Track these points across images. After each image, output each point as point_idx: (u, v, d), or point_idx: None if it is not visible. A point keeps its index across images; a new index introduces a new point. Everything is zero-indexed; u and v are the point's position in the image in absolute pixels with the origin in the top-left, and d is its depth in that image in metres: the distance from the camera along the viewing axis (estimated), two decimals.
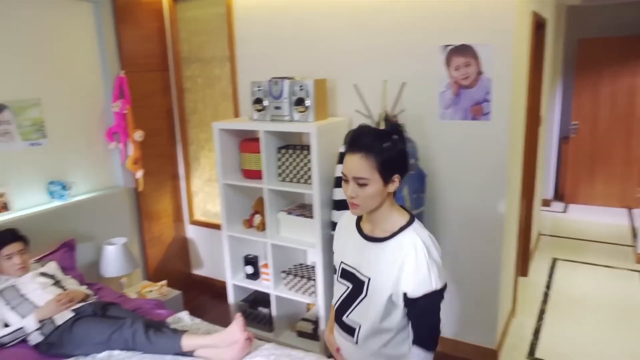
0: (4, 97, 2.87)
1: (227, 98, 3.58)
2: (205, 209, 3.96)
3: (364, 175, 1.44)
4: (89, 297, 2.70)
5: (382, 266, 1.52)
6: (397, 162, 1.48)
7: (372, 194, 1.47)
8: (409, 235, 1.49)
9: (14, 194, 2.95)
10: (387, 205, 1.53)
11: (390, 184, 1.48)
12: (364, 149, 1.44)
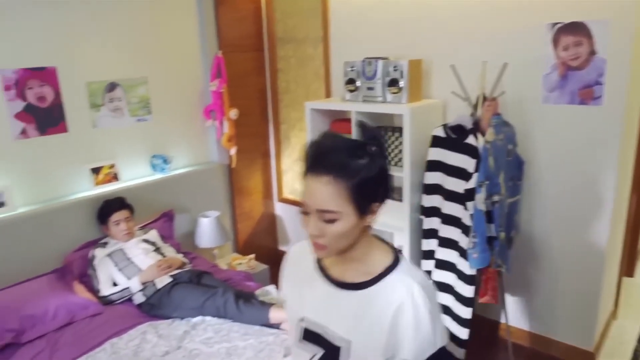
0: (116, 76, 3.10)
1: (319, 78, 3.60)
2: (293, 187, 4.05)
3: (332, 207, 1.03)
4: (185, 265, 2.88)
5: (366, 324, 1.08)
6: (377, 184, 1.06)
7: (342, 232, 1.05)
8: (401, 279, 1.08)
9: (123, 165, 3.19)
10: (364, 241, 1.12)
11: (369, 215, 1.08)
12: (332, 170, 1.02)
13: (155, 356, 2.18)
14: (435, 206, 2.73)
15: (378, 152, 1.07)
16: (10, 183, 2.71)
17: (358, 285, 1.11)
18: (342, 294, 1.13)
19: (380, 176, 1.06)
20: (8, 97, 2.67)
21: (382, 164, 1.07)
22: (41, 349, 2.28)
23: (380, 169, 1.06)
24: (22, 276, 2.65)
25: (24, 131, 2.75)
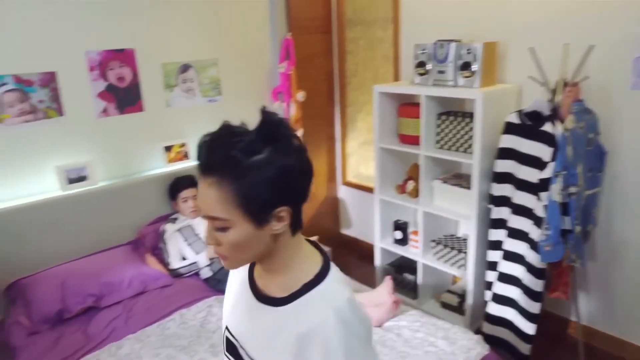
0: (189, 57, 3.19)
1: (387, 61, 3.53)
2: (358, 171, 4.04)
3: (219, 214, 0.89)
4: None
5: (276, 346, 0.94)
6: (277, 186, 0.88)
7: (237, 242, 0.91)
8: (318, 300, 0.92)
9: (194, 144, 3.30)
10: (284, 251, 0.96)
11: (274, 222, 0.91)
12: (217, 169, 0.88)
13: (220, 329, 2.27)
14: (506, 195, 2.62)
15: (278, 147, 0.88)
16: (92, 159, 2.88)
17: (276, 301, 0.95)
18: (261, 308, 0.97)
19: (282, 176, 0.88)
20: (92, 78, 2.82)
21: (283, 162, 0.88)
22: (118, 314, 2.43)
23: (281, 168, 0.87)
24: (102, 246, 2.84)
25: (105, 110, 2.91)
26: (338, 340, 0.88)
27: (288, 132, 0.93)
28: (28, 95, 2.62)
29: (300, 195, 0.94)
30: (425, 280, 3.16)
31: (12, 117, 2.59)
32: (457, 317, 3.01)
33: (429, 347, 2.08)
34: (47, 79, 2.67)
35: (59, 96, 2.72)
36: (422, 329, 2.21)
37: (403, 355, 2.04)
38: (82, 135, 2.84)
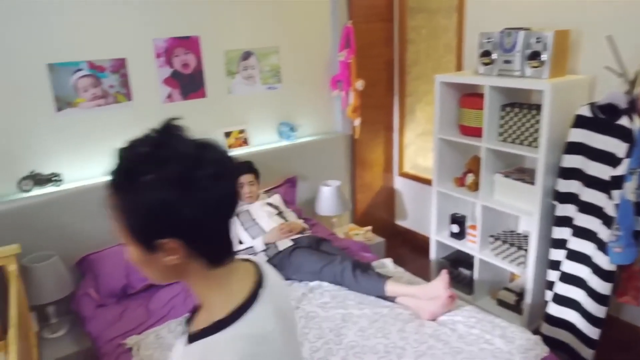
0: (251, 45, 3.24)
1: (450, 50, 3.44)
2: (415, 162, 3.97)
3: (115, 229, 0.84)
4: (305, 230, 2.98)
5: None
6: (153, 217, 0.77)
7: (135, 262, 0.84)
8: (196, 356, 0.78)
9: (252, 131, 3.36)
10: (197, 282, 0.85)
11: (161, 252, 0.80)
12: (111, 181, 0.81)
13: None
14: (573, 192, 2.50)
15: (165, 175, 0.76)
16: None
17: (189, 337, 0.82)
18: (181, 340, 0.85)
19: (159, 207, 0.76)
20: (158, 64, 2.92)
21: (162, 194, 0.75)
22: (177, 292, 2.53)
23: (159, 199, 0.75)
24: None
25: (170, 95, 3.01)
26: None
27: (188, 155, 0.78)
28: (100, 80, 2.75)
29: (194, 229, 0.79)
30: (481, 276, 3.08)
31: (85, 102, 2.73)
32: (514, 316, 2.92)
33: (485, 344, 2.03)
34: (117, 65, 2.79)
35: (128, 82, 2.84)
36: (478, 325, 2.15)
37: (457, 351, 2.00)
38: (148, 120, 2.95)
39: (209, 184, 0.78)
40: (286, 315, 0.94)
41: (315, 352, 2.02)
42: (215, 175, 0.79)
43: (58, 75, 2.62)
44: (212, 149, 0.83)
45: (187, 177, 0.77)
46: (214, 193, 0.79)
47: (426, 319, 2.23)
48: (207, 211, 0.79)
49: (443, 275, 2.27)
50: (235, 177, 0.88)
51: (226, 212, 0.83)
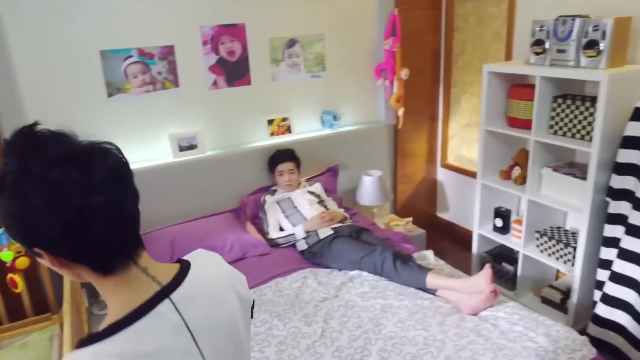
0: (296, 32, 3.23)
1: (499, 39, 3.33)
2: (458, 154, 3.89)
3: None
4: (346, 219, 2.98)
5: None
6: (10, 227, 0.75)
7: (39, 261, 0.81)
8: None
9: (296, 119, 3.37)
10: (96, 286, 0.82)
11: (40, 258, 0.78)
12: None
13: (314, 300, 2.33)
14: (628, 189, 2.39)
15: (5, 182, 0.72)
16: (202, 128, 3.05)
17: (78, 341, 0.78)
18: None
19: (9, 217, 0.73)
20: (205, 51, 2.96)
21: (5, 202, 0.72)
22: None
23: (6, 208, 0.72)
24: (207, 211, 3.01)
25: (215, 82, 3.05)
26: None
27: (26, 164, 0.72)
28: (149, 67, 2.82)
29: (34, 235, 0.74)
30: (524, 272, 3.00)
31: (135, 88, 2.81)
32: (559, 315, 2.83)
33: (528, 342, 1.98)
34: (165, 52, 2.85)
35: (175, 68, 2.89)
36: (521, 322, 2.10)
37: (499, 347, 1.96)
38: (193, 106, 3.01)
39: (48, 207, 0.71)
40: (208, 327, 0.85)
41: (354, 341, 2.02)
42: (53, 198, 0.71)
43: (109, 62, 2.70)
44: (68, 162, 0.72)
45: (23, 201, 0.71)
46: (54, 217, 0.71)
47: (467, 313, 2.19)
48: (53, 231, 0.72)
49: (486, 270, 2.22)
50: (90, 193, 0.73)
51: (89, 228, 0.73)
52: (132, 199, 0.81)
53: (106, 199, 0.74)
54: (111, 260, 0.79)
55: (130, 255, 0.81)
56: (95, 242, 0.75)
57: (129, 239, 0.81)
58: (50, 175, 0.71)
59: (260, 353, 1.99)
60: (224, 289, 0.93)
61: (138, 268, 0.81)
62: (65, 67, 2.59)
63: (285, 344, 2.03)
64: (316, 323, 2.15)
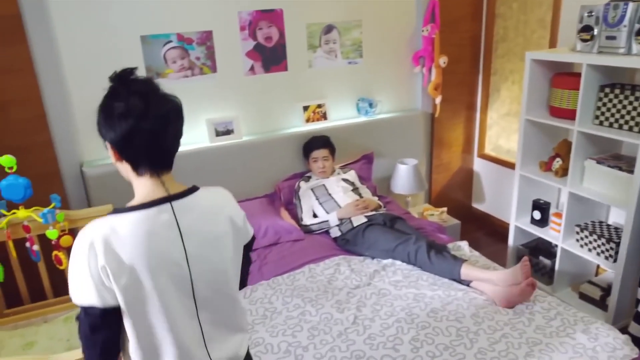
0: (333, 18, 3.20)
1: (543, 25, 3.21)
2: (496, 144, 3.80)
3: None
4: (380, 207, 2.96)
5: None
6: (98, 128, 1.14)
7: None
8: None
9: (331, 106, 3.35)
10: (131, 181, 1.18)
11: (109, 150, 1.16)
12: None
13: (347, 287, 2.33)
14: None
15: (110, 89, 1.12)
16: (238, 114, 3.07)
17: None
18: None
19: (98, 123, 1.13)
20: (242, 37, 2.97)
21: (102, 103, 1.12)
22: (252, 260, 2.61)
23: (98, 119, 1.13)
24: (242, 195, 3.05)
25: (252, 68, 3.06)
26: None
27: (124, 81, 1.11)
28: (188, 52, 2.85)
29: (106, 134, 1.12)
30: (562, 266, 2.92)
31: (174, 72, 2.84)
32: (598, 312, 2.75)
33: (566, 338, 1.93)
34: (204, 37, 2.87)
35: (213, 54, 2.92)
36: (559, 317, 2.05)
37: (535, 342, 1.92)
38: (230, 92, 3.03)
39: (116, 119, 1.07)
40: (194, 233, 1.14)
41: (386, 329, 2.02)
42: (120, 115, 1.07)
43: (150, 47, 2.75)
44: (145, 97, 1.09)
45: (105, 110, 1.11)
46: (118, 126, 1.08)
47: (502, 306, 2.16)
48: (115, 135, 1.09)
49: (524, 262, 2.17)
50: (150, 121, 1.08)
51: (135, 141, 1.09)
52: (171, 135, 1.13)
53: (150, 127, 1.08)
54: (144, 168, 1.13)
55: (156, 170, 1.14)
56: (137, 151, 1.11)
57: (160, 160, 1.15)
58: (127, 100, 1.07)
59: (292, 337, 2.01)
60: (219, 213, 1.20)
61: (159, 180, 1.14)
62: (107, 51, 2.65)
63: (318, 329, 2.05)
64: (348, 310, 2.15)
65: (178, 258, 1.11)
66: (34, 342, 2.04)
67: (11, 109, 2.48)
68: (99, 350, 1.11)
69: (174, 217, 1.11)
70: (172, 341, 1.12)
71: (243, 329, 1.29)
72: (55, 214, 2.01)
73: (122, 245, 1.05)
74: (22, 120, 2.50)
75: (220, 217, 1.19)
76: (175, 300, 1.11)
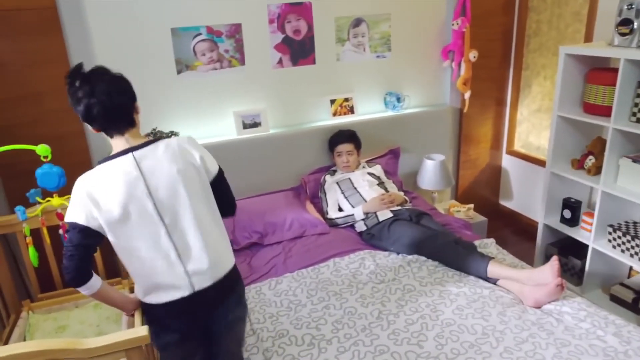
0: (362, 11, 3.18)
1: (579, 19, 3.13)
2: (526, 141, 3.73)
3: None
4: (406, 202, 2.94)
5: None
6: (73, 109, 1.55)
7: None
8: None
9: (359, 100, 3.34)
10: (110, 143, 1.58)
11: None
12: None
13: (371, 281, 2.33)
14: None
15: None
16: (265, 107, 3.08)
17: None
18: None
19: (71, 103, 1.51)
20: (271, 30, 2.98)
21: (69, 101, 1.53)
22: (277, 253, 2.63)
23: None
24: (268, 188, 3.07)
25: (280, 61, 3.06)
26: None
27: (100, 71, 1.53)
28: (217, 45, 2.87)
29: (84, 118, 1.52)
30: (593, 267, 2.85)
31: (203, 65, 2.87)
32: (630, 315, 2.68)
33: (596, 340, 1.89)
34: (233, 30, 2.88)
35: (242, 47, 2.93)
36: (589, 319, 2.00)
37: (563, 343, 1.88)
38: (258, 84, 3.05)
39: (76, 103, 1.49)
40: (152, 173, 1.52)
41: (411, 325, 2.01)
42: (78, 99, 1.48)
43: (179, 40, 2.78)
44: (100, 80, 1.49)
45: (70, 99, 1.50)
46: (80, 107, 1.48)
47: (529, 306, 2.12)
48: (81, 114, 1.49)
49: (553, 262, 2.13)
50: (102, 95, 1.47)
51: (93, 114, 1.48)
52: (117, 103, 1.50)
53: (98, 100, 1.46)
54: (110, 131, 1.54)
55: (120, 130, 1.54)
56: (98, 120, 1.50)
57: (118, 123, 1.53)
58: (78, 87, 1.47)
59: (316, 330, 2.02)
60: (175, 156, 1.56)
61: (124, 137, 1.54)
62: (138, 43, 2.69)
63: (342, 323, 2.05)
64: (373, 305, 2.15)
65: (142, 192, 1.49)
66: (66, 325, 2.11)
67: (47, 98, 2.54)
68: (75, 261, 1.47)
69: (135, 162, 1.51)
70: (153, 256, 1.51)
71: (216, 249, 1.61)
72: None
73: (103, 186, 1.48)
74: (56, 110, 2.56)
75: (176, 159, 1.56)
76: (148, 225, 1.50)
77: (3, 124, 2.48)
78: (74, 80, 1.47)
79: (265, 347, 1.95)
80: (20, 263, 2.43)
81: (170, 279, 1.53)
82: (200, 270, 1.56)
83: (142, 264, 1.52)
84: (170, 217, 1.53)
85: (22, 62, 2.46)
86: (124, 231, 1.49)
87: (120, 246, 1.51)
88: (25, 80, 2.48)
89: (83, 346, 1.25)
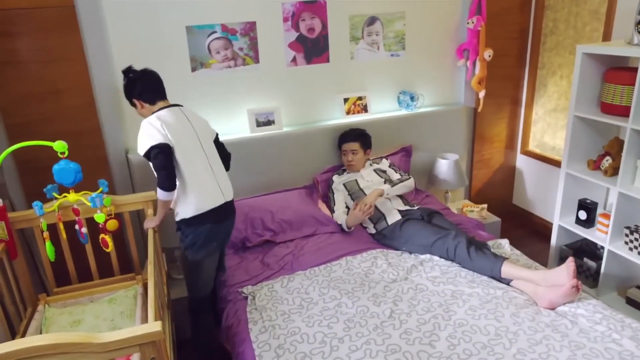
0: (377, 9, 3.17)
1: (597, 17, 3.09)
2: (541, 141, 3.69)
3: None
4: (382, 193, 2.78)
5: None
6: (125, 91, 2.24)
7: (138, 112, 2.28)
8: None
9: (372, 98, 3.33)
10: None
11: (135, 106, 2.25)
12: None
13: (383, 281, 2.32)
14: None
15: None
16: (279, 105, 3.09)
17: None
18: None
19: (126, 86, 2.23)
20: (285, 28, 2.98)
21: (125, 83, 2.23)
22: (290, 250, 2.64)
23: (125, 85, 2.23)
24: (281, 186, 3.08)
25: (294, 59, 3.07)
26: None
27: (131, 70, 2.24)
28: (231, 43, 2.88)
29: (132, 93, 2.21)
30: (609, 269, 2.82)
31: (217, 63, 2.88)
32: None
33: (611, 344, 1.86)
34: (247, 28, 2.89)
35: (256, 45, 2.94)
36: (604, 322, 1.98)
37: (578, 346, 1.86)
38: (272, 82, 3.05)
39: (131, 84, 2.19)
40: (196, 123, 2.25)
41: (423, 325, 2.00)
42: (133, 80, 2.18)
43: (194, 38, 2.79)
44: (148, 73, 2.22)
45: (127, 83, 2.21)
46: (134, 86, 2.18)
47: (544, 307, 2.10)
48: (136, 91, 2.19)
49: (569, 263, 2.11)
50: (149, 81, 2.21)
51: (149, 88, 2.19)
52: (155, 82, 2.21)
53: (145, 80, 2.20)
54: (154, 99, 2.19)
55: (160, 96, 2.22)
56: (146, 93, 2.19)
57: (159, 93, 2.22)
58: (137, 77, 2.20)
59: (328, 328, 2.02)
60: (197, 115, 2.31)
61: (166, 101, 2.24)
62: (153, 41, 2.71)
63: (353, 321, 2.05)
64: (385, 304, 2.15)
65: (189, 129, 2.17)
66: (81, 320, 2.13)
67: (64, 95, 2.58)
68: (169, 171, 2.04)
69: (182, 112, 2.21)
70: (202, 171, 2.17)
71: (227, 178, 2.32)
72: (102, 198, 2.08)
73: (168, 122, 2.09)
74: (74, 107, 2.60)
75: (199, 117, 2.31)
76: (195, 153, 2.16)
77: (22, 120, 2.52)
78: (129, 73, 2.19)
79: (277, 345, 1.95)
80: (37, 257, 2.47)
81: (213, 188, 2.18)
82: (224, 188, 2.24)
83: (197, 176, 2.13)
84: (206, 150, 2.21)
85: (41, 60, 2.49)
86: (184, 154, 2.10)
87: (185, 161, 2.09)
88: (43, 77, 2.52)
89: (98, 340, 1.27)
